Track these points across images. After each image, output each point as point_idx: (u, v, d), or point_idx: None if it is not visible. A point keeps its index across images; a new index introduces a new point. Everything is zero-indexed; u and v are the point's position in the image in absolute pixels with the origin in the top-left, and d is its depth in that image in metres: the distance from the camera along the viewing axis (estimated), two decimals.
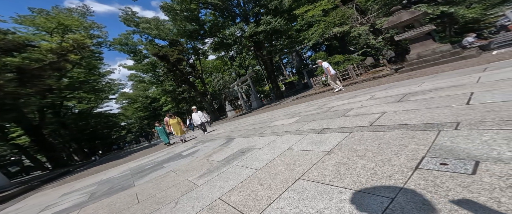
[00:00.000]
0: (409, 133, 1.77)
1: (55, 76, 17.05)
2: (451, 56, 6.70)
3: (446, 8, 8.97)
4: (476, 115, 1.71)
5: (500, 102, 1.84)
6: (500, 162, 1.05)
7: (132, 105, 40.59)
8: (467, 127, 1.55)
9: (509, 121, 1.44)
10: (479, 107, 1.88)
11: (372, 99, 3.83)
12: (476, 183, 0.95)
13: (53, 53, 13.17)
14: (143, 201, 2.33)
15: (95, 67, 24.82)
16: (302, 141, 2.55)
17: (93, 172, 7.86)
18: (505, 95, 1.98)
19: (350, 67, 11.62)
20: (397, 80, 6.12)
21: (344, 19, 12.24)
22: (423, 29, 7.44)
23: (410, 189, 1.05)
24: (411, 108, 2.48)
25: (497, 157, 1.09)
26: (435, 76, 4.46)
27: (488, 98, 2.05)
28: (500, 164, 1.03)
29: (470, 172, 1.03)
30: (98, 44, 24.88)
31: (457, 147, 1.31)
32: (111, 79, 30.80)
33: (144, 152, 10.28)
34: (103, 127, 33.32)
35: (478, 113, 1.75)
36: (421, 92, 3.21)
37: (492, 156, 1.12)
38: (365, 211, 0.99)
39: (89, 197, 3.50)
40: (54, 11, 19.09)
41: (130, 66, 33.06)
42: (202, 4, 17.89)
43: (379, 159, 1.48)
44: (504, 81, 2.51)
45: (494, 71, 3.26)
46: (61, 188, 5.95)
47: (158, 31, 24.12)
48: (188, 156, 4.41)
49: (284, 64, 38.26)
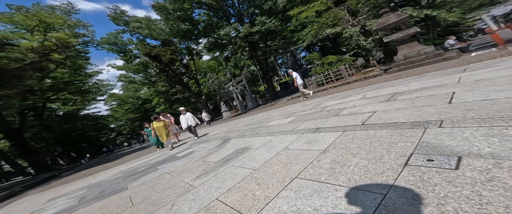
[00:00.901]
0: (398, 131, 1.86)
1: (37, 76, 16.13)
2: (434, 57, 7.08)
3: (429, 12, 9.47)
4: (457, 113, 1.83)
5: (478, 101, 1.99)
6: (480, 157, 1.14)
7: (122, 106, 39.18)
8: (450, 124, 1.66)
9: (487, 119, 1.56)
10: (460, 105, 2.02)
11: (364, 99, 3.98)
12: (459, 177, 1.03)
13: (35, 53, 12.44)
14: (138, 204, 2.28)
15: (81, 67, 23.69)
16: (298, 141, 2.61)
17: (82, 176, 7.52)
18: (483, 95, 2.14)
19: (343, 68, 11.95)
20: (386, 80, 6.38)
21: (337, 20, 12.57)
22: (409, 31, 7.80)
23: (401, 185, 1.11)
24: (399, 107, 2.61)
25: (477, 153, 1.18)
26: (421, 77, 4.71)
27: (468, 97, 2.21)
28: (480, 159, 1.12)
29: (453, 168, 1.12)
30: (84, 43, 23.78)
31: (442, 143, 1.41)
32: (99, 80, 29.57)
33: (137, 154, 9.98)
34: (90, 129, 31.91)
35: (460, 111, 1.88)
36: (408, 92, 3.38)
37: (473, 151, 1.21)
38: (360, 208, 1.04)
39: (78, 201, 3.36)
40: (35, 8, 18.00)
41: (119, 67, 31.86)
42: (196, 4, 17.61)
43: (371, 156, 1.55)
44: (482, 81, 2.70)
45: (473, 72, 3.50)
46: (46, 193, 5.65)
47: (150, 31, 23.43)
48: (184, 157, 4.35)
49: (279, 65, 38.59)
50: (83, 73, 24.70)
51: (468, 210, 0.82)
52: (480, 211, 0.80)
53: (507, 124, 1.40)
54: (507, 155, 1.08)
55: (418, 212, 0.89)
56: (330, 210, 1.10)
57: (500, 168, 1.00)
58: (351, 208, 1.06)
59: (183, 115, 7.76)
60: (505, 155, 1.08)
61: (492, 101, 1.88)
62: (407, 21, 8.28)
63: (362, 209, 1.02)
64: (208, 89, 28.15)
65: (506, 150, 1.13)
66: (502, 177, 0.94)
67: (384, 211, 0.96)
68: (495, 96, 2.01)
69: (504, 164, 1.02)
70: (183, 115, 7.77)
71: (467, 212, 0.81)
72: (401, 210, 0.93)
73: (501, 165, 1.02)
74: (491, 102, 1.88)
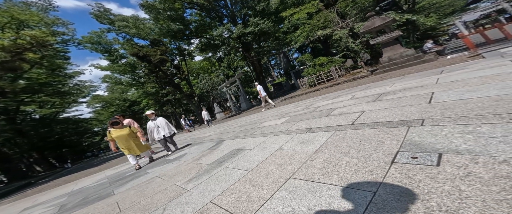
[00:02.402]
0: (385, 129, 1.96)
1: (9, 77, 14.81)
2: (414, 59, 7.55)
3: (410, 16, 10.10)
4: (436, 112, 1.97)
5: (454, 101, 2.16)
6: (458, 153, 1.23)
7: (108, 109, 37.13)
8: (430, 123, 1.78)
9: (462, 117, 1.70)
10: (439, 105, 2.18)
11: (353, 99, 4.14)
12: (440, 173, 1.11)
13: (5, 52, 11.42)
14: (126, 210, 2.17)
15: (60, 68, 22.13)
16: (291, 141, 2.64)
17: (62, 183, 7.02)
18: (458, 95, 2.32)
19: (333, 69, 12.34)
20: (373, 81, 6.69)
21: (327, 22, 12.97)
22: (392, 34, 8.26)
23: (389, 182, 1.17)
24: (385, 107, 2.75)
25: (455, 149, 1.28)
26: (403, 78, 5.00)
27: (445, 97, 2.38)
28: (458, 155, 1.21)
29: (435, 164, 1.20)
30: (64, 42, 22.24)
31: (424, 141, 1.50)
32: (81, 81, 27.82)
33: (123, 159, 9.51)
34: (71, 134, 29.88)
35: (438, 110, 2.02)
36: (392, 92, 3.57)
37: (451, 148, 1.31)
38: (352, 206, 1.08)
39: (59, 209, 3.14)
40: (7, 4, 16.53)
41: (104, 67, 30.16)
42: (187, 4, 17.24)
43: (361, 155, 1.61)
44: (457, 82, 2.93)
45: (449, 74, 3.79)
46: (21, 202, 5.21)
47: (138, 30, 22.50)
48: (175, 160, 4.22)
49: (272, 66, 38.91)
50: (63, 73, 23.09)
51: (450, 204, 0.88)
52: (461, 205, 0.86)
53: (480, 121, 1.53)
54: (481, 151, 1.18)
55: (405, 208, 0.94)
56: (324, 209, 1.13)
57: (476, 164, 1.09)
58: (344, 207, 1.10)
59: (152, 120, 5.33)
60: (479, 151, 1.18)
61: (466, 101, 2.05)
62: (390, 24, 8.77)
63: (354, 207, 1.06)
64: (200, 90, 27.65)
65: (480, 146, 1.23)
66: (478, 172, 1.03)
67: (375, 208, 1.00)
68: (468, 96, 2.19)
69: (479, 160, 1.11)
70: (151, 121, 5.32)
71: (449, 207, 0.87)
72: (390, 207, 0.98)
73: (477, 161, 1.11)
74: (465, 101, 2.05)
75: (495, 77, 2.62)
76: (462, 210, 0.83)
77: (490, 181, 0.94)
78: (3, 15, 15.00)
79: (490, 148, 1.18)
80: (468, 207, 0.84)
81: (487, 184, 0.93)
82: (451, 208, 0.86)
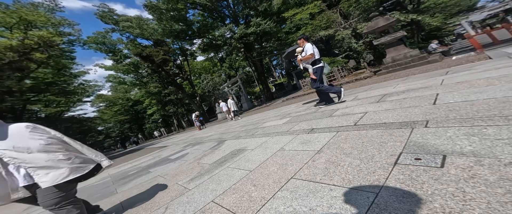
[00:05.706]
0: (388, 131, 1.94)
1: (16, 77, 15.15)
2: (419, 60, 7.45)
3: (415, 16, 9.98)
4: (441, 114, 1.94)
5: (459, 102, 2.12)
6: (463, 155, 1.22)
7: (111, 108, 37.64)
8: (435, 124, 1.76)
9: (467, 119, 1.67)
10: (443, 106, 2.15)
11: (355, 100, 4.11)
12: (444, 175, 1.09)
13: (14, 52, 11.69)
14: (128, 208, 2.20)
15: (65, 67, 22.51)
16: (293, 141, 2.64)
17: None
18: (463, 96, 2.29)
19: (336, 69, 12.27)
20: (375, 82, 6.63)
21: (329, 23, 12.92)
22: (396, 35, 8.17)
23: (391, 183, 1.16)
24: (389, 108, 2.72)
25: (460, 151, 1.26)
26: (407, 79, 4.94)
27: (450, 98, 2.35)
28: (463, 157, 1.19)
29: (439, 166, 1.18)
30: (70, 42, 22.66)
31: (428, 142, 1.49)
32: (86, 81, 28.19)
33: (126, 158, 9.62)
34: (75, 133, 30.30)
35: (443, 112, 1.99)
36: (396, 93, 3.53)
37: (456, 150, 1.29)
38: (354, 206, 1.08)
39: None
40: (16, 5, 16.95)
41: (108, 67, 30.62)
42: (190, 4, 17.38)
43: (363, 156, 1.60)
44: (462, 83, 2.88)
45: (454, 75, 3.73)
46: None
47: (141, 31, 22.77)
48: (177, 159, 4.25)
49: (274, 66, 38.92)
50: (68, 73, 23.49)
51: (454, 206, 0.87)
52: (464, 207, 0.85)
53: (486, 123, 1.51)
54: (487, 153, 1.16)
55: (408, 210, 0.93)
56: (325, 209, 1.13)
57: (481, 166, 1.07)
58: (346, 207, 1.09)
59: None
60: (484, 153, 1.17)
61: (472, 102, 2.02)
62: (394, 25, 8.68)
63: (356, 208, 1.05)
64: (202, 90, 27.82)
65: (485, 148, 1.21)
66: (483, 174, 1.01)
67: (377, 209, 1.00)
68: (474, 97, 2.15)
69: (484, 162, 1.10)
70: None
71: (452, 209, 0.86)
72: (392, 208, 0.97)
73: (482, 163, 1.09)
74: (470, 103, 2.01)
75: (501, 78, 2.57)
76: (466, 211, 0.82)
77: (495, 183, 0.93)
78: (12, 16, 15.36)
79: (496, 150, 1.16)
80: (472, 209, 0.82)
81: (492, 186, 0.91)
82: (455, 210, 0.85)
